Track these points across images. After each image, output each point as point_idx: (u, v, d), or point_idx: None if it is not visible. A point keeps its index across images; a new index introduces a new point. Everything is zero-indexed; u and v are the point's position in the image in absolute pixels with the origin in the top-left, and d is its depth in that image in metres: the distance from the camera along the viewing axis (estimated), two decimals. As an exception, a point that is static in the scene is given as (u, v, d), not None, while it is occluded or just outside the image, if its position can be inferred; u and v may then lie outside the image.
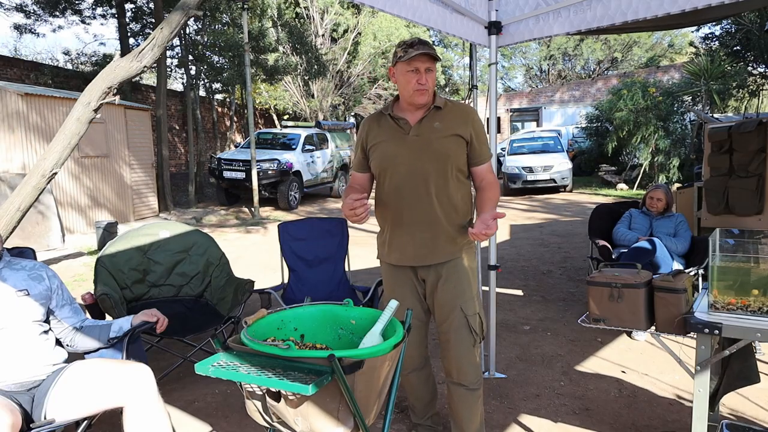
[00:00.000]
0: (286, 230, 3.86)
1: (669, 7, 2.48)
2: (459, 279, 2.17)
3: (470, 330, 2.16)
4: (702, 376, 1.81)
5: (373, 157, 2.20)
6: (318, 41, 18.58)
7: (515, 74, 34.61)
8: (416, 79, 2.05)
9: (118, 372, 1.98)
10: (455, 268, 2.17)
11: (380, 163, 2.17)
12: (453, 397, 2.26)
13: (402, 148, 2.13)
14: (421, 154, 2.11)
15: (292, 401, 1.31)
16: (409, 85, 2.07)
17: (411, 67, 2.05)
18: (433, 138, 2.11)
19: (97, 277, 3.41)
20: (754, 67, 12.71)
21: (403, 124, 2.14)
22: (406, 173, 2.12)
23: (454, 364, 2.20)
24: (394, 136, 2.15)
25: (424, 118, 2.13)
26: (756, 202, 4.52)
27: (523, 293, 5.08)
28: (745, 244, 1.94)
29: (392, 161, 2.14)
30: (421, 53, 2.01)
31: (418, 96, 2.07)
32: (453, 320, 2.16)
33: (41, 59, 15.45)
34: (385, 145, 2.16)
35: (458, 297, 2.16)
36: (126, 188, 9.76)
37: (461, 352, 2.17)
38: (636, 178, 13.61)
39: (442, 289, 2.17)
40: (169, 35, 3.98)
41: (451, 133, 2.12)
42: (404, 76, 2.07)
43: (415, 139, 2.12)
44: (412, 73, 2.05)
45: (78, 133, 3.88)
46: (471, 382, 2.20)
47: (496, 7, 3.03)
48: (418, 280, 2.23)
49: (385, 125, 2.18)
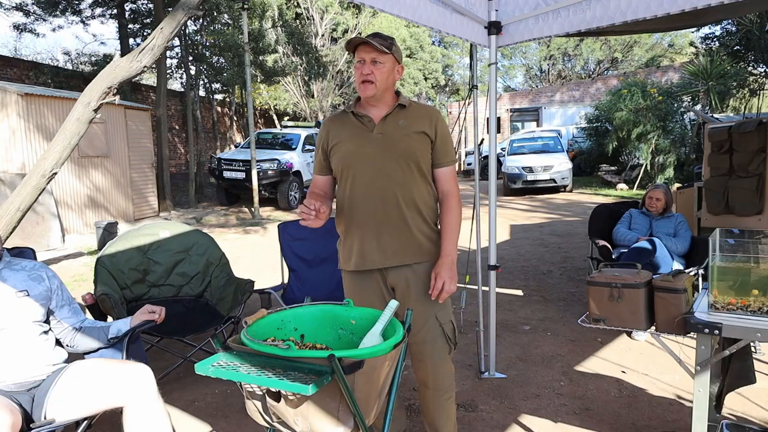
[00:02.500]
0: (286, 230, 3.86)
1: (669, 7, 2.48)
2: (429, 286, 2.05)
3: (446, 339, 2.09)
4: (702, 376, 1.81)
5: (334, 157, 2.07)
6: (318, 41, 18.59)
7: (515, 74, 34.63)
8: (360, 71, 1.97)
9: (118, 372, 1.98)
10: (425, 273, 2.06)
11: (342, 162, 2.05)
12: (429, 405, 2.18)
13: (366, 147, 2.02)
14: (387, 152, 2.00)
15: (292, 401, 1.31)
16: (356, 76, 1.99)
17: (357, 58, 1.98)
18: (398, 136, 2.01)
19: (97, 277, 3.41)
20: (754, 67, 12.70)
21: (366, 122, 2.04)
22: (371, 173, 2.01)
23: (430, 374, 2.11)
24: (356, 134, 2.04)
25: (388, 115, 2.03)
26: (756, 202, 4.52)
27: (523, 293, 5.08)
28: (745, 244, 1.94)
29: (355, 160, 2.02)
30: (361, 42, 1.94)
31: (363, 88, 1.98)
32: (428, 330, 2.07)
33: (41, 59, 15.47)
34: (347, 144, 2.04)
35: (432, 305, 2.06)
36: (126, 188, 9.76)
37: (437, 362, 2.09)
38: (636, 178, 13.61)
39: (415, 297, 2.06)
40: (169, 35, 3.98)
41: (416, 130, 2.03)
42: (355, 68, 2.01)
43: (379, 137, 2.02)
44: (360, 64, 1.97)
45: (78, 133, 3.88)
46: (447, 389, 2.15)
47: (496, 7, 3.03)
48: (387, 288, 2.10)
49: (347, 123, 2.07)
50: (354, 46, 1.99)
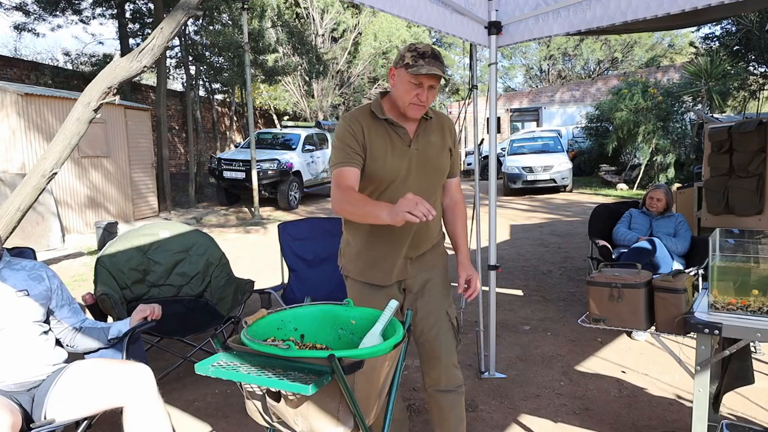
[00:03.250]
0: (286, 230, 3.86)
1: (669, 7, 2.48)
2: (443, 284, 2.11)
3: (455, 333, 2.10)
4: (702, 376, 1.81)
5: (374, 166, 1.94)
6: (318, 41, 18.59)
7: (515, 74, 34.66)
8: (416, 94, 1.87)
9: (118, 372, 1.98)
10: (438, 273, 2.11)
11: (382, 174, 1.94)
12: (443, 406, 2.13)
13: (404, 162, 1.96)
14: (424, 171, 1.99)
15: (292, 401, 1.31)
16: (407, 96, 1.89)
17: (416, 81, 1.87)
18: (432, 154, 2.00)
19: (97, 277, 3.41)
20: (754, 67, 12.71)
21: (402, 134, 1.96)
22: (405, 190, 1.87)
23: (443, 372, 2.09)
24: (396, 147, 1.95)
25: (419, 128, 1.99)
26: (756, 202, 4.52)
27: (523, 293, 5.08)
28: (745, 244, 1.94)
29: (393, 174, 1.95)
30: (431, 73, 1.84)
31: (414, 110, 1.91)
32: (441, 325, 2.07)
33: (41, 59, 15.48)
34: (388, 157, 1.94)
35: (444, 300, 2.10)
36: (126, 188, 9.76)
37: (449, 357, 2.09)
38: (636, 178, 13.61)
39: (429, 296, 2.07)
40: (169, 35, 3.98)
41: (443, 146, 2.04)
42: (404, 86, 1.88)
43: (415, 154, 1.97)
44: (414, 86, 1.87)
45: (78, 133, 3.87)
46: (458, 384, 2.13)
47: (496, 7, 3.03)
48: (399, 291, 2.08)
49: (382, 131, 1.96)
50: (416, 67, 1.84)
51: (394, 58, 14.57)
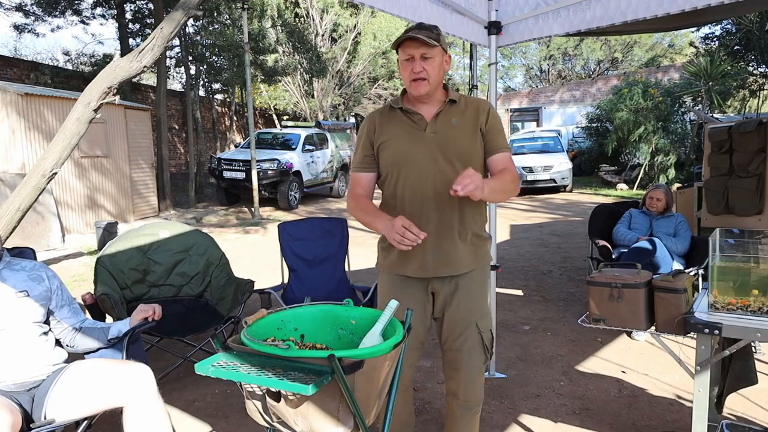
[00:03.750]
0: (286, 230, 3.86)
1: (669, 7, 2.48)
2: (475, 293, 1.98)
3: (484, 348, 1.99)
4: (702, 376, 1.81)
5: (384, 156, 1.95)
6: (318, 41, 18.59)
7: (515, 74, 34.62)
8: (411, 68, 1.84)
9: (118, 372, 1.98)
10: (472, 280, 1.98)
11: (394, 162, 1.93)
12: (456, 419, 2.06)
13: (419, 146, 1.90)
14: (441, 154, 1.89)
15: (292, 401, 1.31)
16: (405, 74, 1.86)
17: (405, 55, 1.84)
18: (452, 136, 1.90)
19: (97, 277, 3.41)
20: (754, 67, 12.71)
21: (417, 120, 1.92)
22: (424, 175, 1.89)
23: (462, 385, 1.99)
24: (408, 132, 1.92)
25: (440, 113, 1.92)
26: (756, 202, 4.52)
27: (523, 293, 5.08)
28: (745, 244, 1.94)
29: (408, 161, 1.90)
30: (409, 37, 1.80)
31: (415, 86, 1.85)
32: (467, 338, 1.96)
33: (41, 59, 15.48)
34: (398, 143, 1.92)
35: (474, 313, 1.97)
36: (126, 188, 9.76)
37: (472, 372, 1.99)
38: (636, 178, 13.61)
39: (457, 304, 1.97)
40: (169, 35, 3.98)
41: (470, 130, 1.92)
42: (402, 65, 1.88)
43: (432, 137, 1.90)
44: (407, 62, 1.85)
45: (78, 133, 3.87)
46: (477, 402, 2.03)
47: (495, 7, 3.03)
48: (427, 294, 2.00)
49: (396, 120, 1.95)
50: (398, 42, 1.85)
51: (394, 58, 14.59)
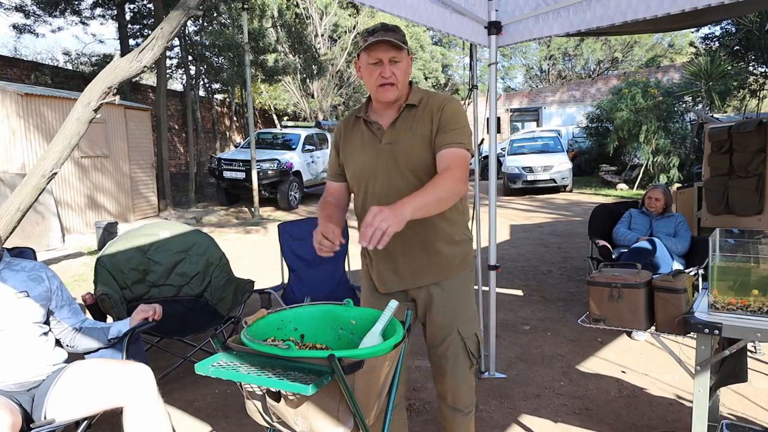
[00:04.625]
0: (286, 230, 3.86)
1: (669, 7, 2.48)
2: (455, 299, 1.92)
3: (468, 354, 1.94)
4: (702, 376, 1.81)
5: (347, 169, 1.90)
6: (317, 41, 18.60)
7: (515, 74, 34.63)
8: (379, 72, 1.73)
9: (118, 372, 1.98)
10: (450, 287, 1.92)
11: (354, 176, 1.88)
12: (448, 422, 2.04)
13: (375, 159, 1.81)
14: (396, 165, 1.79)
15: (292, 401, 1.31)
16: (371, 80, 1.75)
17: (372, 59, 1.73)
18: (407, 146, 1.78)
19: (97, 277, 3.41)
20: (754, 67, 12.71)
21: (376, 130, 1.83)
22: (381, 189, 1.81)
23: (449, 390, 1.98)
24: (366, 144, 1.84)
25: (396, 120, 1.81)
26: (756, 202, 4.52)
27: (523, 293, 5.08)
28: (745, 244, 1.94)
29: (366, 174, 1.84)
30: (379, 40, 1.69)
31: (383, 92, 1.76)
32: (450, 344, 1.92)
33: (41, 59, 15.50)
34: (357, 156, 1.85)
35: (455, 319, 1.92)
36: (126, 188, 9.76)
37: (458, 377, 1.96)
38: (636, 178, 13.61)
39: (437, 310, 1.92)
40: (169, 35, 3.98)
41: (423, 136, 1.78)
42: (367, 69, 1.76)
43: (388, 148, 1.80)
44: (374, 66, 1.74)
45: (78, 133, 3.88)
46: (466, 405, 2.00)
47: (496, 7, 3.03)
48: (406, 300, 1.95)
49: (357, 131, 1.88)
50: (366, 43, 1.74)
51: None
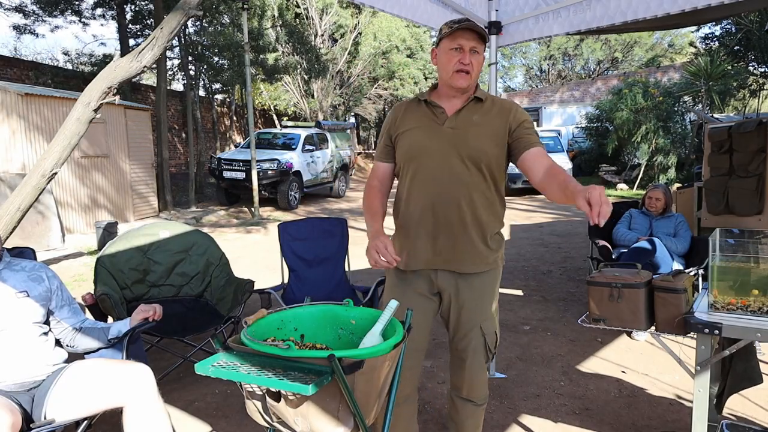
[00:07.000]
0: (286, 230, 3.86)
1: (669, 7, 2.48)
2: (481, 297, 1.97)
3: (486, 349, 2.00)
4: (702, 376, 1.81)
5: (399, 145, 1.95)
6: (318, 41, 18.60)
7: (515, 74, 34.63)
8: (459, 58, 1.81)
9: (118, 372, 1.98)
10: (478, 284, 1.96)
11: (407, 153, 1.92)
12: (459, 412, 2.09)
13: (434, 139, 1.88)
14: (456, 149, 1.85)
15: (292, 401, 1.31)
16: (449, 65, 1.83)
17: (454, 44, 1.81)
18: (471, 133, 1.86)
19: (97, 277, 3.41)
20: (754, 67, 12.72)
21: (438, 113, 1.90)
22: (435, 169, 1.87)
23: (466, 382, 2.03)
24: (426, 124, 1.90)
25: (462, 108, 1.88)
26: (756, 202, 4.52)
27: (523, 293, 5.08)
28: (745, 244, 1.94)
29: (420, 153, 1.89)
30: (466, 28, 1.79)
31: (459, 78, 1.83)
32: (471, 340, 1.98)
33: (41, 59, 15.50)
34: (414, 134, 1.91)
35: (480, 316, 1.97)
36: (126, 188, 9.76)
37: (475, 371, 2.02)
38: (636, 178, 13.62)
39: (463, 306, 1.96)
40: (169, 35, 3.98)
41: (491, 130, 1.88)
42: (446, 55, 1.84)
43: (449, 132, 1.87)
44: (455, 51, 1.82)
45: (78, 133, 3.87)
46: (480, 398, 2.06)
47: (496, 7, 3.03)
48: (431, 292, 1.99)
49: (417, 112, 1.94)
50: (451, 29, 1.82)
51: (394, 58, 14.47)
